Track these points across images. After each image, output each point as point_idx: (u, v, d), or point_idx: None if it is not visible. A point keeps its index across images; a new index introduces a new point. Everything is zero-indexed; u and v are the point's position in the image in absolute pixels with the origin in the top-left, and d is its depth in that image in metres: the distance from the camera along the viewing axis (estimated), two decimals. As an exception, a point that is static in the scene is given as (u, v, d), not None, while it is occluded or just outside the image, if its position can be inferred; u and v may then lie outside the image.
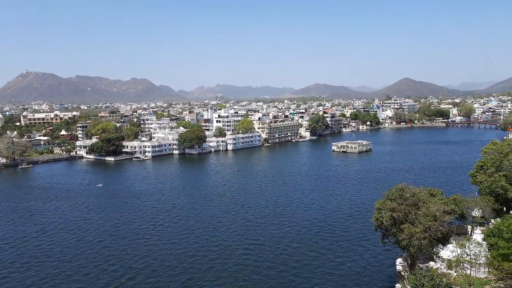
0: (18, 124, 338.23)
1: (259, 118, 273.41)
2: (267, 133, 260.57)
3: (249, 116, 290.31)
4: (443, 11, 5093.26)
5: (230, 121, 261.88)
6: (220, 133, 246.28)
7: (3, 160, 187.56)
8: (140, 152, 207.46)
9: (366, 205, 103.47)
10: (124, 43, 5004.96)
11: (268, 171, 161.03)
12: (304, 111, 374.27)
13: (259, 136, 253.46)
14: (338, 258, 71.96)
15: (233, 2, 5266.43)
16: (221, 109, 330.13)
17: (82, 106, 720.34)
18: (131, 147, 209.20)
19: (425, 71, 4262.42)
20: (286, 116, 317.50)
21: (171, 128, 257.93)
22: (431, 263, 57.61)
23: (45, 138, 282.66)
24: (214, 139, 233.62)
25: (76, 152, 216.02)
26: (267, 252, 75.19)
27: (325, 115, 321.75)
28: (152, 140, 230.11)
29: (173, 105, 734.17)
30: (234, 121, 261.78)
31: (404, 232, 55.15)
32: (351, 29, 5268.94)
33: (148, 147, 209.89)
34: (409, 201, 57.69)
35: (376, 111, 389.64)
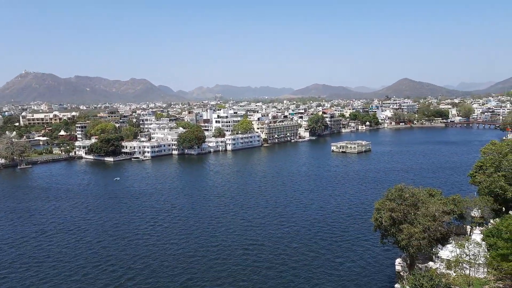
0: (17, 124, 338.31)
1: (258, 119, 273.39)
2: (266, 133, 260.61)
3: (248, 117, 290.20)
4: (443, 11, 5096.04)
5: (229, 122, 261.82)
6: (219, 133, 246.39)
7: (2, 161, 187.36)
8: (139, 152, 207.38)
9: (365, 205, 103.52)
10: (124, 43, 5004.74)
11: (267, 171, 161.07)
12: (303, 111, 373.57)
13: (258, 136, 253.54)
14: (338, 258, 72.01)
15: (233, 2, 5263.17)
16: (220, 110, 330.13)
17: (81, 107, 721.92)
18: (130, 147, 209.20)
19: (425, 71, 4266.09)
20: (285, 117, 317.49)
21: (170, 128, 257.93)
22: (430, 263, 57.67)
23: (44, 138, 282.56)
24: (213, 139, 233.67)
25: (75, 152, 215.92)
26: (267, 252, 75.20)
27: (324, 115, 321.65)
28: (151, 140, 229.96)
29: (172, 106, 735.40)
30: (233, 121, 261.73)
31: (403, 232, 55.25)
32: (351, 29, 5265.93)
33: (147, 148, 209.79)
34: (408, 201, 57.77)
35: (375, 111, 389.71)
